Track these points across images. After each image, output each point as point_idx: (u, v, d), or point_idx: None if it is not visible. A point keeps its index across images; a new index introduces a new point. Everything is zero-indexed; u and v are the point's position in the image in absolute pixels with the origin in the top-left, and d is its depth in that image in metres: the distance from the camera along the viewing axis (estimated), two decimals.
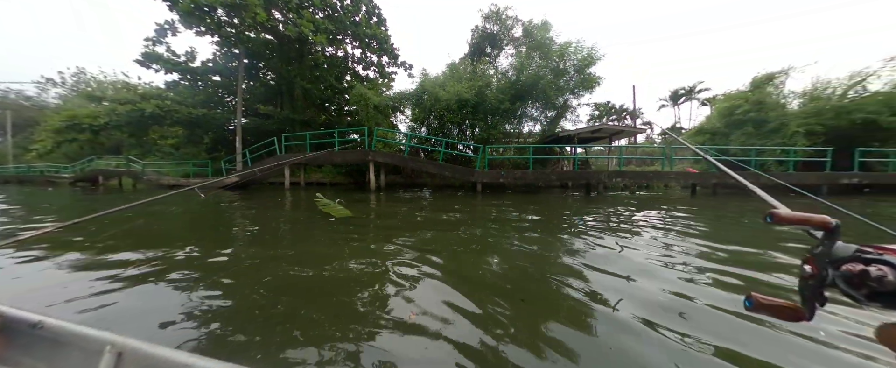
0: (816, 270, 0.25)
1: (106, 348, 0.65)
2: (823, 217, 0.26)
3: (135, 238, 3.02)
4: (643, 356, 1.12)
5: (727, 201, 6.92)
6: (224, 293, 1.67)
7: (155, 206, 5.49)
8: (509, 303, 1.51)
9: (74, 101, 18.87)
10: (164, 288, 1.74)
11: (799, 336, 1.26)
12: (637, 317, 1.38)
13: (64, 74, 23.55)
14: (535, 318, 1.39)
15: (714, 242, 2.79)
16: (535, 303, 1.56)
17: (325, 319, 1.39)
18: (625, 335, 1.25)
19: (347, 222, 4.16)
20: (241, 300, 1.58)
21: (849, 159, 8.62)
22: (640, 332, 1.27)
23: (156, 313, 1.42)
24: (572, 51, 10.40)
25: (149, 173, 13.90)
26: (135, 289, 1.74)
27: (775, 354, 1.18)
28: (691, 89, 27.66)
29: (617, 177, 8.09)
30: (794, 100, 11.07)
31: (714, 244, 2.71)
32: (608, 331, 1.28)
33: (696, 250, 2.59)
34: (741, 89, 11.67)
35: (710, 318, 1.40)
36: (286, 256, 2.38)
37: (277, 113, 15.10)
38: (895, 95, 9.01)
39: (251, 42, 13.82)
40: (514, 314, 1.41)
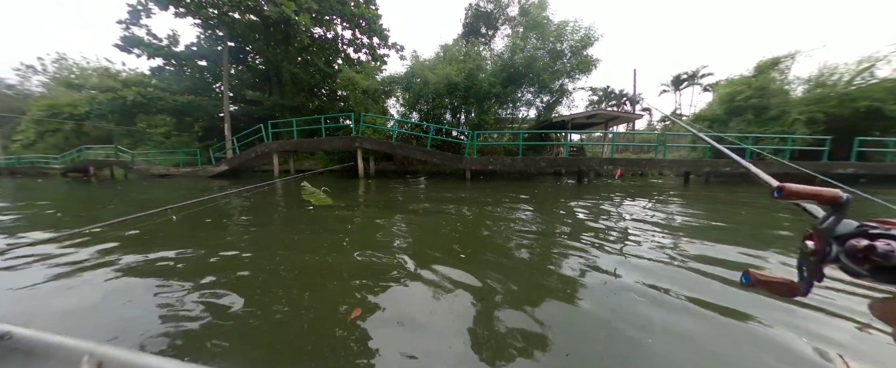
0: (820, 245, 0.24)
1: (83, 358, 0.60)
2: (835, 191, 0.25)
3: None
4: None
5: (718, 190, 6.85)
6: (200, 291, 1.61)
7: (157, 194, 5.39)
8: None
9: (56, 89, 18.29)
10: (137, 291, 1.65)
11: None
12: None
13: (44, 61, 22.68)
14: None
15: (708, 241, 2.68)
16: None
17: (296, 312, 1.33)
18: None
19: (328, 210, 4.09)
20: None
21: (847, 149, 8.43)
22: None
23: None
24: (570, 31, 9.89)
25: (139, 162, 13.74)
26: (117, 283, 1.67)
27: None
28: (694, 74, 26.65)
29: (608, 164, 7.95)
30: (799, 86, 10.68)
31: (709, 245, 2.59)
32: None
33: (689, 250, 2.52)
34: (745, 75, 11.24)
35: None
36: (242, 245, 2.31)
37: (266, 99, 14.70)
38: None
39: (235, 24, 13.16)
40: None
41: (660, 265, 1.95)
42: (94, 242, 2.31)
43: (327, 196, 4.87)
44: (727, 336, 1.20)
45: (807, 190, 0.25)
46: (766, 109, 9.96)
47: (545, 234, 2.84)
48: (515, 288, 1.59)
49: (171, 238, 2.58)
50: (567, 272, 1.85)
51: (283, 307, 1.43)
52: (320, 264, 1.99)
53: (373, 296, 1.52)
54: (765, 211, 3.90)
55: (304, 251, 2.23)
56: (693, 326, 1.27)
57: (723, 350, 1.12)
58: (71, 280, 1.71)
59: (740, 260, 2.05)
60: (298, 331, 1.24)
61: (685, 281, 1.69)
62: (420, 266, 1.88)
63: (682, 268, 1.90)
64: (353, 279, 1.72)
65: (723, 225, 3.21)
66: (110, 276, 1.76)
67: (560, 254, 2.20)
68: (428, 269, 1.82)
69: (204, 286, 1.63)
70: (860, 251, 0.22)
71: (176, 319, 1.32)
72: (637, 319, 1.29)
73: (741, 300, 1.41)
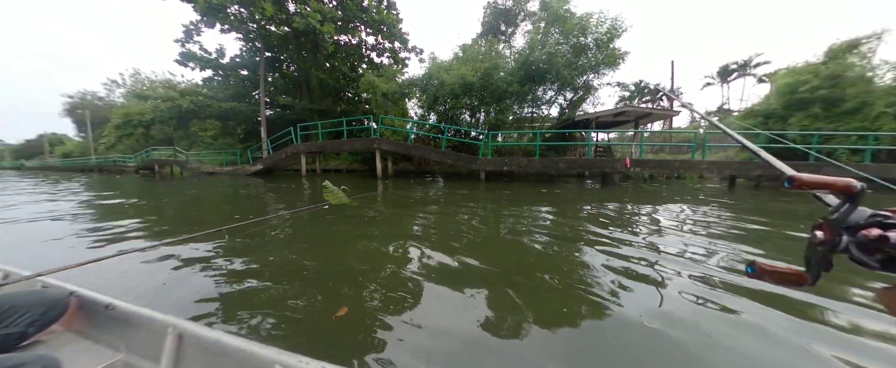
0: (830, 236, 0.24)
1: (168, 329, 0.74)
2: (848, 180, 0.24)
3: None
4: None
5: (769, 199, 5.93)
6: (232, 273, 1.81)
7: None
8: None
9: (131, 100, 21.65)
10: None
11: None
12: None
13: (123, 76, 26.96)
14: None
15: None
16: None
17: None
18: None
19: (342, 209, 4.30)
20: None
21: None
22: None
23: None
24: (594, 23, 9.26)
25: (191, 162, 15.67)
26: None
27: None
28: (746, 63, 23.04)
29: (636, 166, 7.30)
30: (888, 72, 8.88)
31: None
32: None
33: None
34: (812, 62, 9.64)
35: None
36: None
37: (297, 104, 15.86)
38: None
39: (271, 36, 14.40)
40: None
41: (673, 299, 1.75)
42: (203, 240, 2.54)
43: (344, 195, 5.14)
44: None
45: (818, 180, 0.24)
46: (840, 100, 8.44)
47: (554, 243, 2.70)
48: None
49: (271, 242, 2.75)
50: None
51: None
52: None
53: (359, 293, 1.56)
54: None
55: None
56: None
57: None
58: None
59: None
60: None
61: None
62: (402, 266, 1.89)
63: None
64: (332, 280, 1.78)
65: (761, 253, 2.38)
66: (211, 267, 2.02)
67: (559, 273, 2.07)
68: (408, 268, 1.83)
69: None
70: (872, 241, 0.21)
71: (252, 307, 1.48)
72: None
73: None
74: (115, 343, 0.83)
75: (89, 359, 0.79)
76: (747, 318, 1.38)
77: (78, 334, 0.87)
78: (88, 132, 27.35)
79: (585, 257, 2.21)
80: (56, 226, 3.31)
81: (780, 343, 1.19)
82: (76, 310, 0.87)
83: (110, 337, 0.84)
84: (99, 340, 0.85)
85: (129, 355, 0.81)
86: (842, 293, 1.58)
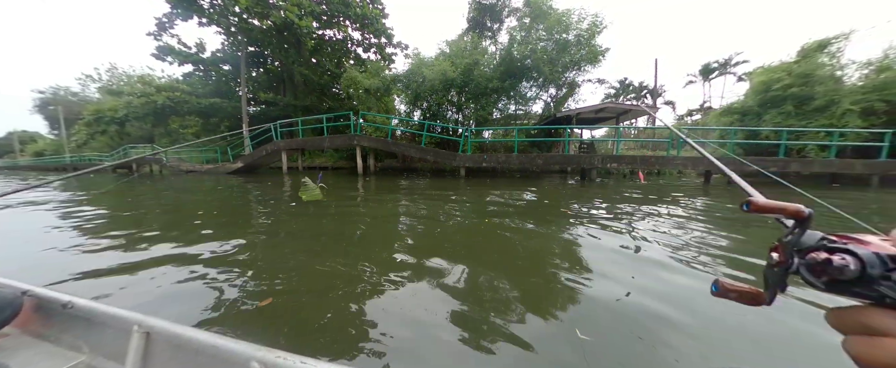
0: (784, 257, 0.25)
1: (133, 327, 0.69)
2: (798, 206, 0.26)
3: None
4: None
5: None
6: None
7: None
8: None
9: (105, 96, 20.80)
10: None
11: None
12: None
13: (99, 70, 25.82)
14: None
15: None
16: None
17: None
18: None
19: (314, 205, 4.20)
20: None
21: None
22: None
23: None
24: (575, 20, 9.28)
25: (171, 159, 15.16)
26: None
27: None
28: (726, 62, 23.66)
29: (612, 162, 7.37)
30: (856, 71, 9.18)
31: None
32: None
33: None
34: (785, 61, 9.89)
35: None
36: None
37: (280, 100, 15.51)
38: None
39: (253, 30, 13.99)
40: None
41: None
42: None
43: (319, 192, 5.04)
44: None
45: (772, 205, 0.26)
46: (810, 98, 8.69)
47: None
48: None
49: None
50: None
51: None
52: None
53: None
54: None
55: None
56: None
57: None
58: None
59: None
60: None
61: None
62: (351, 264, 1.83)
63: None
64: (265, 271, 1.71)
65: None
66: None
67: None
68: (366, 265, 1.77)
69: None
70: (818, 263, 0.23)
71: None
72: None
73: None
74: (76, 344, 0.78)
75: (48, 363, 0.74)
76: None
77: (35, 336, 0.81)
78: (61, 130, 26.23)
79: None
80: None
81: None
82: (31, 311, 0.81)
83: (71, 338, 0.79)
84: (59, 341, 0.79)
85: (93, 356, 0.76)
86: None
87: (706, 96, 25.93)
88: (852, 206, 4.30)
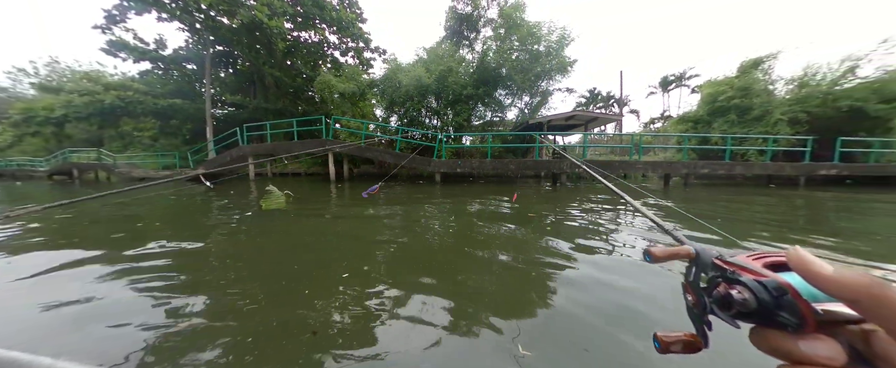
0: (696, 298, 0.26)
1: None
2: (687, 249, 0.28)
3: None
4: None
5: (696, 192, 6.58)
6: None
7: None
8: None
9: (41, 93, 18.44)
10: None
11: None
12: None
13: (36, 64, 22.88)
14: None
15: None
16: None
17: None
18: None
19: (272, 214, 3.93)
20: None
21: (831, 150, 8.17)
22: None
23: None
24: (545, 32, 9.78)
25: (121, 165, 13.75)
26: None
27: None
28: (681, 76, 26.41)
29: (579, 167, 7.72)
30: (784, 86, 10.46)
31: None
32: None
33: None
34: (728, 75, 11.04)
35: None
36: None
37: (249, 103, 14.72)
38: (886, 81, 8.40)
39: (220, 28, 13.24)
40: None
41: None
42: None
43: (282, 200, 4.76)
44: None
45: (669, 251, 0.27)
46: (749, 109, 9.73)
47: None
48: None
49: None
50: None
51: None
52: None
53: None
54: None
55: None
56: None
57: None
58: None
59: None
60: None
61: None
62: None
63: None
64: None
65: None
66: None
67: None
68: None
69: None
70: (723, 299, 0.23)
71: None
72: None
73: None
74: None
75: None
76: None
77: None
78: None
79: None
80: None
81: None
82: None
83: None
84: None
85: None
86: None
87: (665, 106, 28.49)
88: (781, 205, 4.79)
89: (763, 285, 0.21)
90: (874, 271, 1.76)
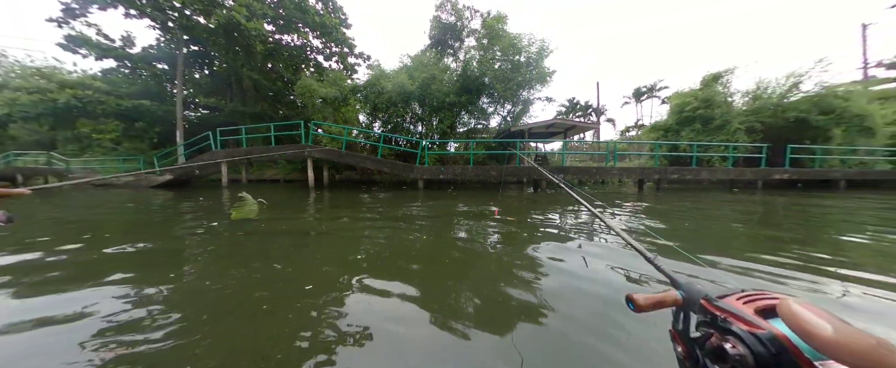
0: (686, 349, 0.24)
1: None
2: (674, 295, 0.25)
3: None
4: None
5: (667, 197, 6.91)
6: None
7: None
8: None
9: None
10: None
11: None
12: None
13: None
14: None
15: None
16: None
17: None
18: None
19: (240, 224, 3.66)
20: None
21: (783, 156, 8.93)
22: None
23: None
24: (525, 43, 10.16)
25: (75, 170, 12.57)
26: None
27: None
28: (652, 87, 28.44)
29: (558, 173, 7.94)
30: (742, 98, 11.41)
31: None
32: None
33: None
34: (693, 88, 11.91)
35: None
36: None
37: (225, 106, 14.09)
38: (823, 95, 9.39)
39: (195, 28, 12.69)
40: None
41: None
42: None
43: (253, 210, 4.49)
44: None
45: (654, 299, 0.26)
46: (712, 119, 10.50)
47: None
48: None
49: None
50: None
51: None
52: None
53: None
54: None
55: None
56: None
57: None
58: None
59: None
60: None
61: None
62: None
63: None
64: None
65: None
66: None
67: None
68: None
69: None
70: (716, 353, 0.21)
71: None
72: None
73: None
74: None
75: None
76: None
77: None
78: None
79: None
80: None
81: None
82: None
83: None
84: None
85: None
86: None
87: (639, 115, 30.40)
88: (745, 207, 5.12)
89: (758, 338, 0.19)
90: (833, 282, 1.67)
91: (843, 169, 9.32)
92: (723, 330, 0.21)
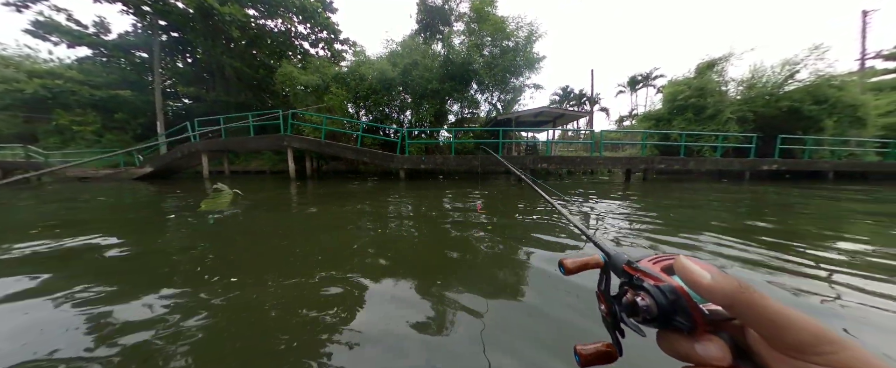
0: (607, 307, 0.27)
1: None
2: (596, 258, 0.28)
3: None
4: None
5: (652, 186, 6.78)
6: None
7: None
8: None
9: None
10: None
11: None
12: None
13: None
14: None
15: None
16: None
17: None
18: None
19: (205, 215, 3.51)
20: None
21: (773, 146, 8.77)
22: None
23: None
24: (513, 27, 9.73)
25: (54, 164, 12.25)
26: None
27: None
28: (647, 76, 27.77)
29: (543, 163, 7.78)
30: (737, 87, 11.11)
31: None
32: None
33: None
34: (687, 76, 11.58)
35: None
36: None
37: (206, 95, 13.64)
38: (817, 84, 9.12)
39: (173, 12, 12.06)
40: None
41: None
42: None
43: (224, 200, 4.36)
44: None
45: (580, 262, 0.28)
46: (704, 108, 10.25)
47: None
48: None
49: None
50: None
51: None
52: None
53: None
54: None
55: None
56: None
57: None
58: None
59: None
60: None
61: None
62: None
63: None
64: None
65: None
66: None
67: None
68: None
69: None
70: (630, 307, 0.24)
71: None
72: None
73: None
74: None
75: None
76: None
77: None
78: None
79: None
80: None
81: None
82: None
83: None
84: None
85: None
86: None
87: (633, 104, 29.84)
88: (728, 197, 5.00)
89: (661, 290, 0.22)
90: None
91: (832, 160, 9.21)
92: (636, 287, 0.24)
